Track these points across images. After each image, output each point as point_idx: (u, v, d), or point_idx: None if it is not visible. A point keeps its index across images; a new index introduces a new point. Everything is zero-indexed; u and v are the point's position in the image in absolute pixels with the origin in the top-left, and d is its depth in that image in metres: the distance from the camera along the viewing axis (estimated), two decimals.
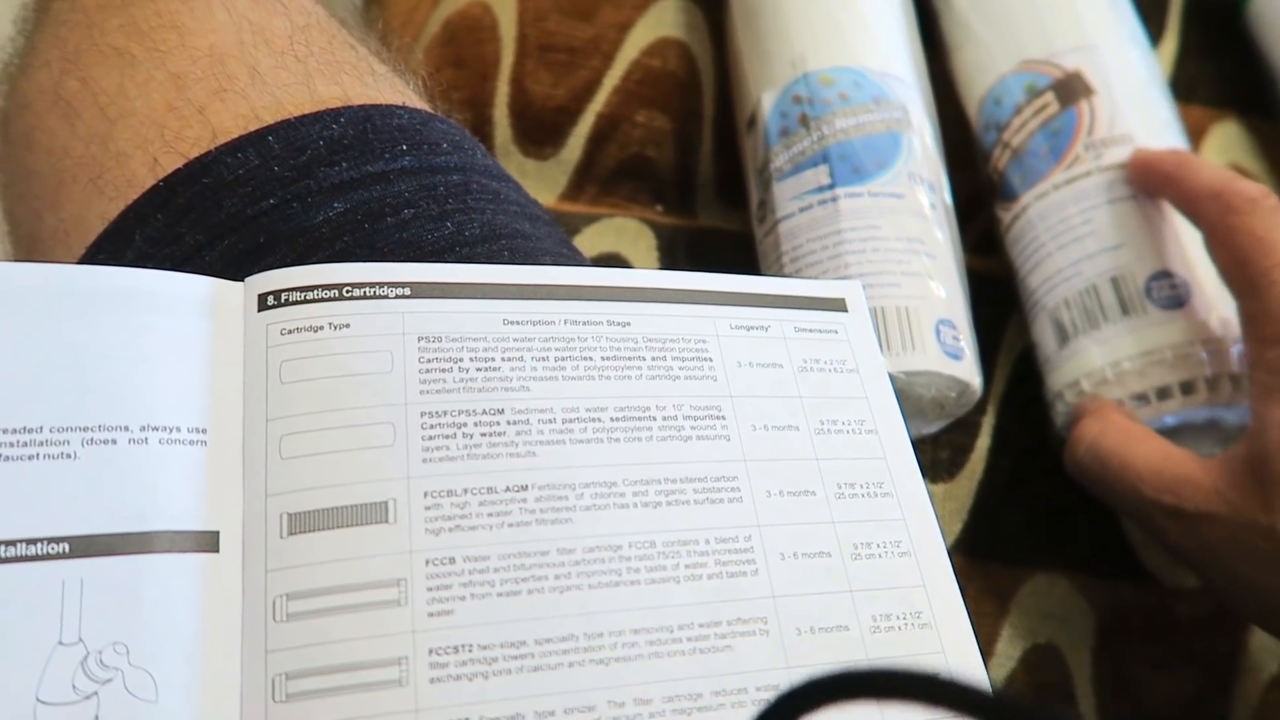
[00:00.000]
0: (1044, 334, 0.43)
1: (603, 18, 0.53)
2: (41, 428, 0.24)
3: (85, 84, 0.31)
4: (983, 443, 0.44)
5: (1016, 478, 0.44)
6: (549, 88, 0.52)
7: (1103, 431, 0.38)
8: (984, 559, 0.42)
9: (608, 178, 0.52)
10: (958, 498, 0.43)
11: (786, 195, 0.41)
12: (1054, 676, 0.40)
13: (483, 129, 0.52)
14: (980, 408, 0.45)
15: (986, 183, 0.47)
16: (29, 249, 0.31)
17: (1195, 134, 0.54)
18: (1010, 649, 0.40)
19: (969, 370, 0.38)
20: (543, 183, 0.52)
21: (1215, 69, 0.57)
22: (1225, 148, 0.55)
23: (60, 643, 0.22)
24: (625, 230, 0.50)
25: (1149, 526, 0.38)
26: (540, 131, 0.51)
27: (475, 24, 0.54)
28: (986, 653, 0.40)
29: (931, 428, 0.42)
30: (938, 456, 0.43)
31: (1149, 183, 0.40)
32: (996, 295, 0.47)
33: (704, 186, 0.52)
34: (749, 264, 0.47)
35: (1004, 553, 0.42)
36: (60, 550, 0.23)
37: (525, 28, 0.53)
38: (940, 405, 0.39)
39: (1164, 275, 0.40)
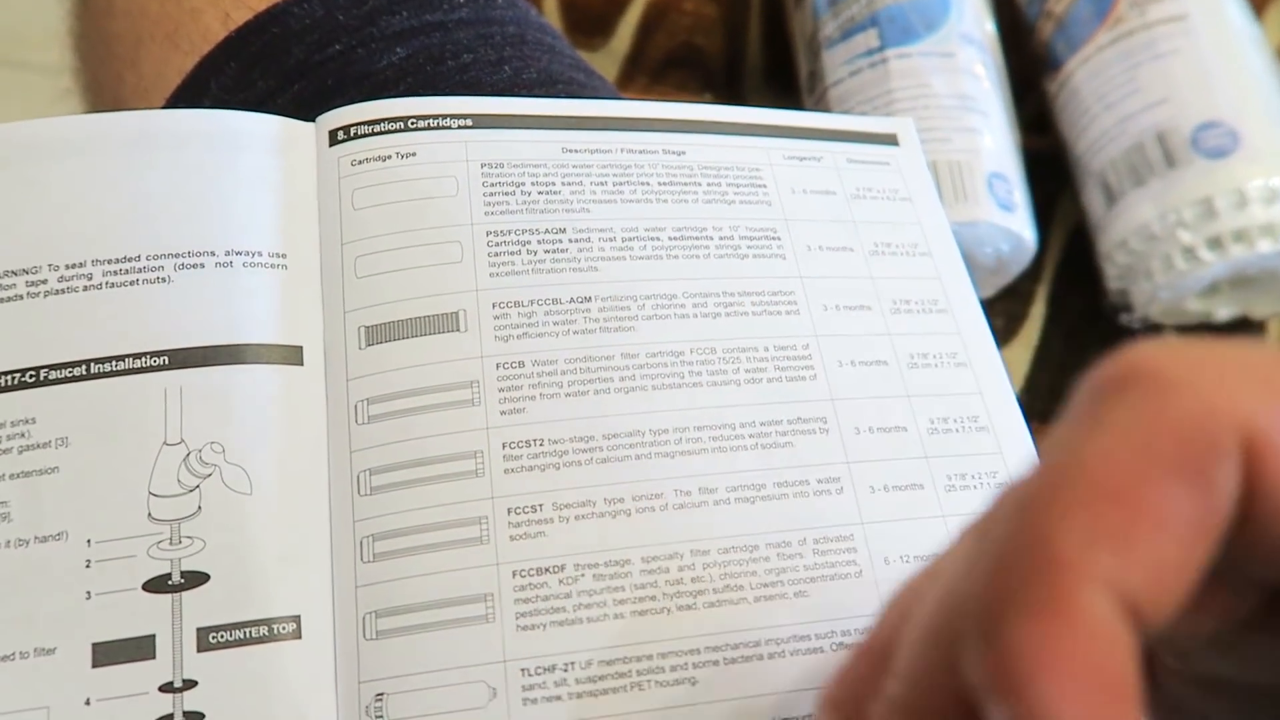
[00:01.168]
0: (1092, 198, 0.43)
1: None
2: (139, 256, 0.26)
3: None
4: (1038, 310, 0.44)
5: (1072, 343, 0.44)
6: None
7: None
8: (1040, 421, 0.42)
9: (657, 67, 0.52)
10: (1013, 364, 0.43)
11: (836, 61, 0.41)
12: None
13: None
14: (1035, 276, 0.45)
15: (1034, 58, 0.47)
16: (113, 109, 0.33)
17: (1257, 6, 0.53)
18: None
19: (1022, 222, 0.38)
20: None
21: None
22: None
23: (165, 443, 0.24)
24: None
25: None
26: (589, 22, 0.52)
27: None
28: None
29: (986, 292, 0.43)
30: (992, 324, 0.44)
31: None
32: (1050, 172, 0.47)
33: (752, 72, 0.52)
34: None
35: (1060, 415, 0.42)
36: (160, 363, 0.25)
37: None
38: (994, 264, 0.40)
39: (1211, 125, 0.39)
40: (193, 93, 0.30)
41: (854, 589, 0.23)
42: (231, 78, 0.30)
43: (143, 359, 0.25)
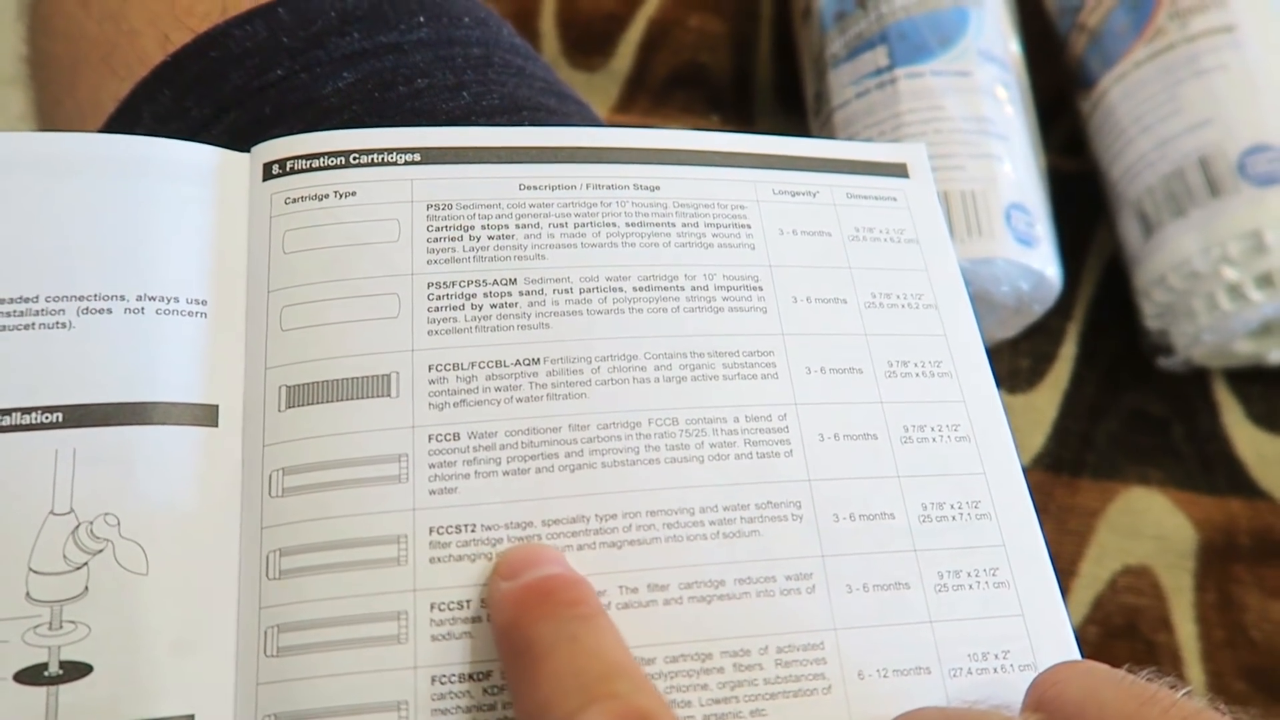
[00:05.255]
0: (1128, 228, 0.39)
1: None
2: (38, 297, 0.23)
3: None
4: (1068, 350, 0.40)
5: (1107, 386, 0.40)
6: None
7: None
8: (1070, 474, 0.38)
9: (661, 87, 0.49)
10: (1039, 409, 0.39)
11: (843, 82, 0.38)
12: (1147, 601, 0.37)
13: (530, 43, 0.50)
14: (1065, 312, 0.41)
15: (1066, 74, 0.43)
16: None
17: None
18: (1097, 570, 0.37)
19: (1044, 258, 0.35)
20: (594, 96, 0.49)
21: None
22: None
23: (52, 512, 0.21)
24: None
25: None
26: (589, 41, 0.49)
27: None
28: (1070, 572, 0.37)
29: (1008, 332, 0.39)
30: (1016, 365, 0.40)
31: None
32: (1084, 196, 0.43)
33: (762, 91, 0.48)
34: None
35: (1093, 467, 0.38)
36: (53, 420, 0.22)
37: None
38: (1015, 302, 0.36)
39: (1260, 149, 0.35)
40: (126, 121, 0.28)
41: (820, 708, 0.20)
42: (165, 105, 0.28)
43: (32, 415, 0.22)
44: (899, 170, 0.28)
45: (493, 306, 0.24)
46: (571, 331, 0.23)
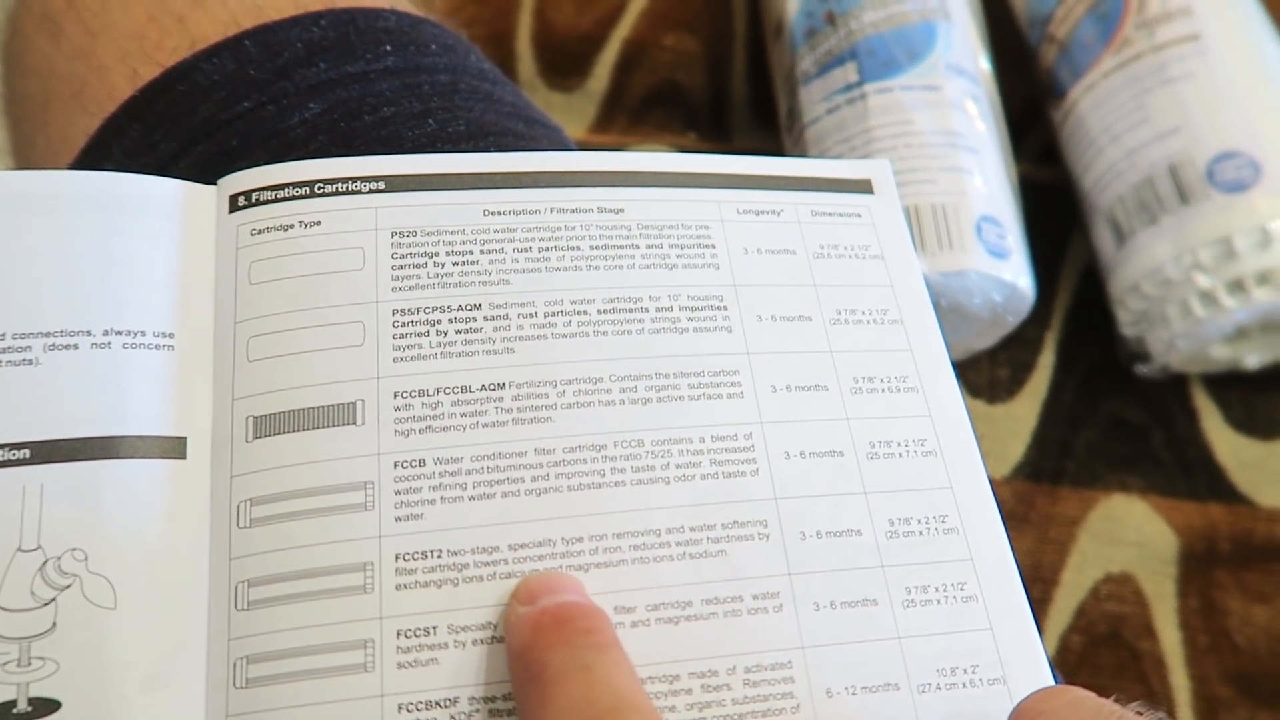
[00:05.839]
0: (1101, 237, 0.39)
1: None
2: (4, 334, 0.23)
3: (70, 1, 0.30)
4: (1046, 359, 0.41)
5: (1086, 394, 0.40)
6: (573, 16, 0.50)
7: None
8: (1051, 482, 0.38)
9: (637, 106, 0.49)
10: (1019, 418, 0.39)
11: (814, 98, 0.38)
12: (1130, 608, 0.37)
13: (507, 64, 0.50)
14: (1043, 322, 0.41)
15: (1038, 85, 0.43)
16: None
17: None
18: (1079, 578, 0.37)
19: (1016, 270, 0.35)
20: (571, 116, 0.50)
21: None
22: None
23: (20, 549, 0.21)
24: None
25: None
26: (565, 62, 0.49)
27: None
28: (1052, 581, 0.37)
29: (985, 343, 0.39)
30: (995, 375, 0.40)
31: None
32: (1060, 206, 0.44)
33: (738, 109, 0.49)
34: None
35: (1073, 475, 0.39)
36: (21, 456, 0.22)
37: None
38: (988, 314, 0.36)
39: (1228, 155, 0.35)
40: (96, 156, 0.28)
41: None
42: (134, 140, 0.28)
43: (0, 452, 0.22)
44: (863, 187, 0.28)
45: (458, 332, 0.24)
46: (536, 356, 0.24)
